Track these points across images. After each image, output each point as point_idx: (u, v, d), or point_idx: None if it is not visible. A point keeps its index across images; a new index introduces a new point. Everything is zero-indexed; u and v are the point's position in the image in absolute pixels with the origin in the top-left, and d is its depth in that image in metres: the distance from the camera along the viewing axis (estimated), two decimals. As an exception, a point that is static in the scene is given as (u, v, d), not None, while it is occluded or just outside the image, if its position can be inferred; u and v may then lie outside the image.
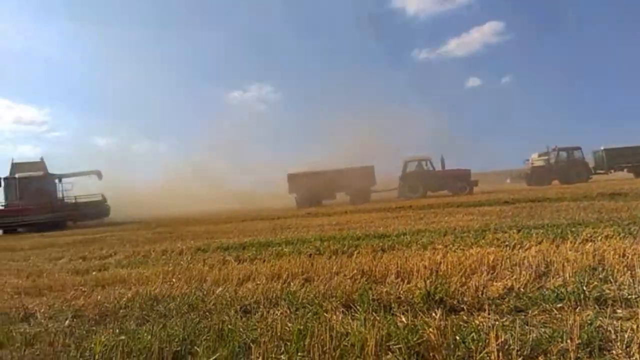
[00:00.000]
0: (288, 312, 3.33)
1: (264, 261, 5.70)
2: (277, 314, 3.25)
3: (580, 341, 2.36)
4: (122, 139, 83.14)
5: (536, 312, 3.00)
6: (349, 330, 2.72)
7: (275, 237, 8.78)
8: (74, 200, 26.93)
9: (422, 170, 28.63)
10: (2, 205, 26.14)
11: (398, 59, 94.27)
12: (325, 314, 3.15)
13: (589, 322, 2.63)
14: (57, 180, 27.57)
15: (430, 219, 10.53)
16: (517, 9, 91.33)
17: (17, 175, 26.52)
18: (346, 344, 2.54)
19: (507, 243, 5.51)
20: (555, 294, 3.24)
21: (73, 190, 27.44)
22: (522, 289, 3.48)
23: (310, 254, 5.89)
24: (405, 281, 4.01)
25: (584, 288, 3.27)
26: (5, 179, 26.35)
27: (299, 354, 2.49)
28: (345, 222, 11.56)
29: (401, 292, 3.62)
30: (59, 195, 27.26)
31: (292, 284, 4.25)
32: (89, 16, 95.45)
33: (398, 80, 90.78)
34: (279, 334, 2.78)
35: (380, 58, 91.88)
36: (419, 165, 28.90)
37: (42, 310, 3.95)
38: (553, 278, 3.74)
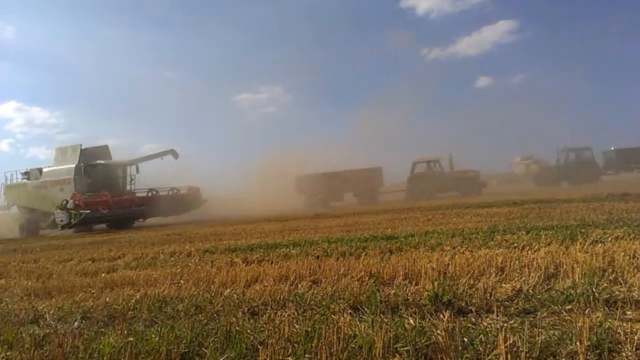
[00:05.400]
0: (295, 314, 3.32)
1: (272, 263, 5.70)
2: (284, 316, 3.25)
3: (589, 343, 2.33)
4: (132, 140, 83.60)
5: (545, 314, 2.98)
6: (357, 332, 2.71)
7: (283, 238, 8.79)
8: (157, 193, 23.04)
9: (430, 171, 28.60)
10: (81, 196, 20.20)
11: (407, 58, 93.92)
12: (332, 315, 3.15)
13: (599, 324, 2.60)
14: (134, 168, 23.69)
15: (438, 220, 10.49)
16: (533, 7, 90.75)
17: (103, 162, 22.34)
18: (354, 345, 2.53)
19: (515, 244, 5.48)
20: (565, 296, 3.22)
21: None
22: (530, 291, 3.45)
23: (318, 256, 5.88)
24: (413, 283, 4.00)
25: (594, 290, 3.24)
26: (89, 165, 21.74)
27: (307, 355, 2.49)
28: (353, 223, 11.55)
29: (409, 293, 3.61)
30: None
31: (299, 285, 4.24)
32: (98, 18, 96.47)
33: (406, 81, 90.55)
34: (286, 335, 2.78)
35: (389, 59, 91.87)
36: (427, 167, 28.88)
37: (52, 311, 3.97)
38: (562, 280, 3.71)
